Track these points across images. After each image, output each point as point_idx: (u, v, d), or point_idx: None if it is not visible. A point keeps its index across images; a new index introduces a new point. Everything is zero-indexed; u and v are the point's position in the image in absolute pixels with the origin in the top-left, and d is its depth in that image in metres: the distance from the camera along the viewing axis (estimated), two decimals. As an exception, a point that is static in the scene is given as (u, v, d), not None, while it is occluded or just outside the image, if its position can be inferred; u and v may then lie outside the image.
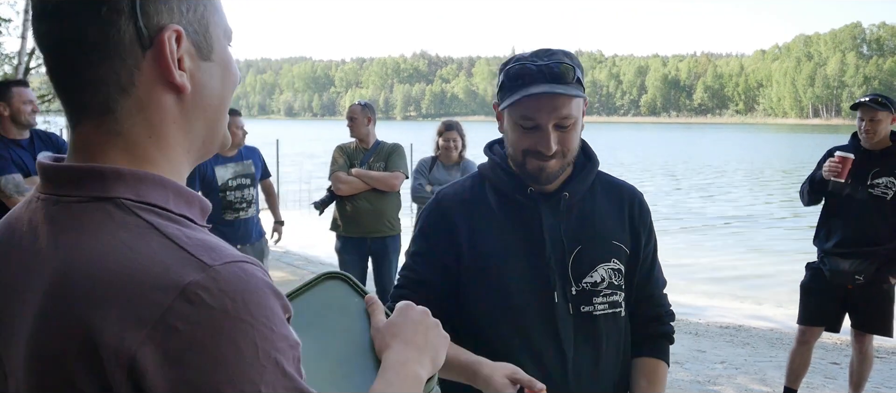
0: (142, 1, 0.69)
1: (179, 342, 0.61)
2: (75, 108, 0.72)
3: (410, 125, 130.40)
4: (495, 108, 1.54)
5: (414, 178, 4.96)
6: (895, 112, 3.63)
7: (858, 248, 3.70)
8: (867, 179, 3.67)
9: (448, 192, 1.62)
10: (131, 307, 0.62)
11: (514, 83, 1.44)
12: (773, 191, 20.57)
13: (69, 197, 0.70)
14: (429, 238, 1.57)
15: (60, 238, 0.68)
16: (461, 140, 4.95)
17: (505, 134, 1.55)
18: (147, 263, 0.64)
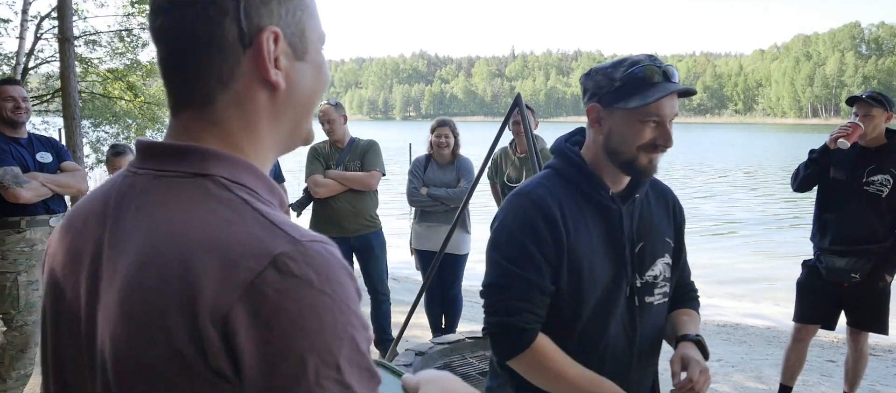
0: (245, 3, 0.76)
1: (268, 306, 0.66)
2: (179, 97, 0.79)
3: (410, 125, 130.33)
4: (593, 109, 1.59)
5: (408, 182, 4.91)
6: (890, 110, 3.65)
7: (854, 246, 3.71)
8: (863, 177, 3.68)
9: (537, 190, 1.58)
10: (227, 271, 0.67)
11: (641, 84, 1.52)
12: (773, 191, 20.60)
13: (170, 172, 0.75)
14: (533, 241, 1.52)
15: (161, 207, 0.74)
16: (454, 137, 4.88)
17: (613, 133, 1.57)
18: (242, 233, 0.70)
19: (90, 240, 0.79)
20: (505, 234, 1.56)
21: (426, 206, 4.78)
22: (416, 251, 5.04)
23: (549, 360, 1.50)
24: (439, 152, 4.87)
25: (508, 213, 1.58)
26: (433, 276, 3.64)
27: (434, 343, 3.40)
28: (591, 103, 1.60)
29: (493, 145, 3.40)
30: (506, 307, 1.50)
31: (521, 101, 3.31)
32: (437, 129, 4.89)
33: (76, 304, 0.79)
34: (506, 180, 4.74)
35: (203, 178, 0.74)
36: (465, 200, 3.58)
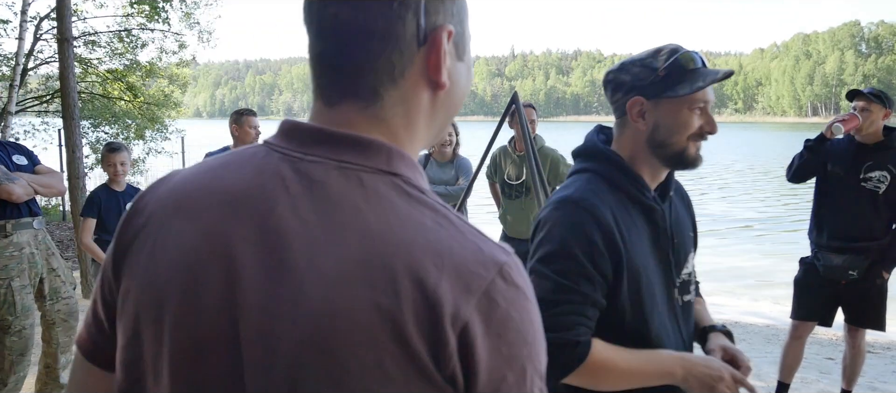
0: (427, 0, 0.74)
1: (498, 315, 0.67)
2: (340, 88, 0.75)
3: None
4: (637, 102, 1.51)
5: None
6: (889, 107, 3.66)
7: (851, 243, 3.71)
8: (860, 173, 3.69)
9: (588, 198, 1.46)
10: (460, 277, 0.67)
11: (684, 71, 1.48)
12: (772, 189, 20.61)
13: (356, 165, 0.72)
14: (586, 251, 1.41)
15: (363, 202, 0.70)
16: (456, 136, 4.93)
17: (657, 123, 1.50)
18: (462, 240, 0.70)
19: (236, 222, 0.71)
20: (555, 245, 1.43)
21: None
22: None
23: (608, 361, 1.42)
24: (440, 151, 4.91)
25: (558, 223, 1.45)
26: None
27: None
28: (632, 97, 1.51)
29: (490, 144, 3.41)
30: (558, 323, 1.38)
31: (519, 100, 3.32)
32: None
33: (209, 291, 0.70)
34: (505, 178, 4.75)
35: (391, 177, 0.72)
36: (463, 198, 3.60)
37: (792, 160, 3.90)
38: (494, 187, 5.03)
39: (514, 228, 4.73)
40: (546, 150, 4.60)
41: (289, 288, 0.67)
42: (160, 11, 12.38)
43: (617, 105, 1.56)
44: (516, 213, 4.70)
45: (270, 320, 0.68)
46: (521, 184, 4.63)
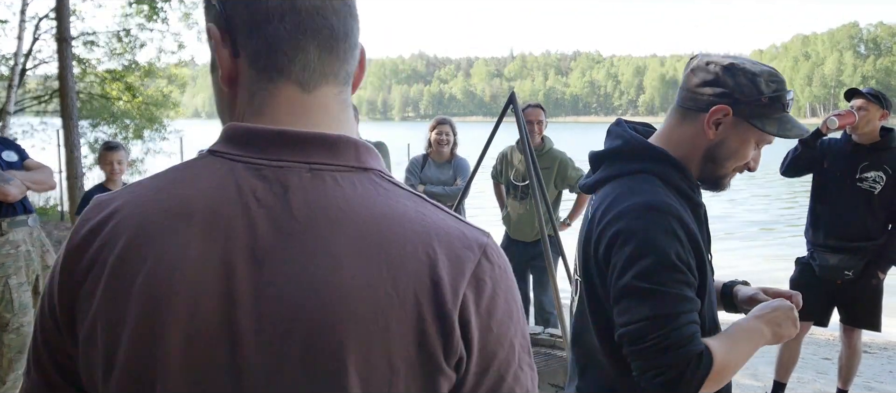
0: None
1: (486, 294, 0.71)
2: (321, 70, 0.76)
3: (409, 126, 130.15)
4: (722, 110, 1.42)
5: (405, 179, 4.94)
6: (886, 108, 3.68)
7: (847, 242, 3.73)
8: (856, 173, 3.70)
9: (667, 200, 1.39)
10: (453, 260, 0.70)
11: (780, 109, 1.43)
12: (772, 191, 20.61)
13: (327, 166, 0.72)
14: (683, 258, 1.35)
15: (342, 202, 0.70)
16: (453, 136, 4.91)
17: (723, 140, 1.44)
18: (446, 224, 0.72)
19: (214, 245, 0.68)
20: (655, 256, 1.32)
21: None
22: None
23: (723, 359, 1.35)
24: (438, 150, 4.89)
25: (648, 231, 1.34)
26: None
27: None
28: (722, 102, 1.41)
29: (487, 144, 3.41)
30: (682, 337, 1.29)
31: (516, 100, 3.32)
32: (437, 127, 4.92)
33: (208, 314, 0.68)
34: (512, 179, 4.68)
35: (366, 172, 0.73)
36: (461, 198, 3.60)
37: (786, 155, 3.91)
38: (499, 188, 4.96)
39: (518, 229, 4.67)
40: (554, 152, 4.57)
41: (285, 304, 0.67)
42: (159, 11, 12.40)
43: (698, 98, 1.45)
44: (521, 214, 4.63)
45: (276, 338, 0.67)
46: (527, 185, 4.55)
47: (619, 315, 1.34)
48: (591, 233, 1.45)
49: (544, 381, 3.32)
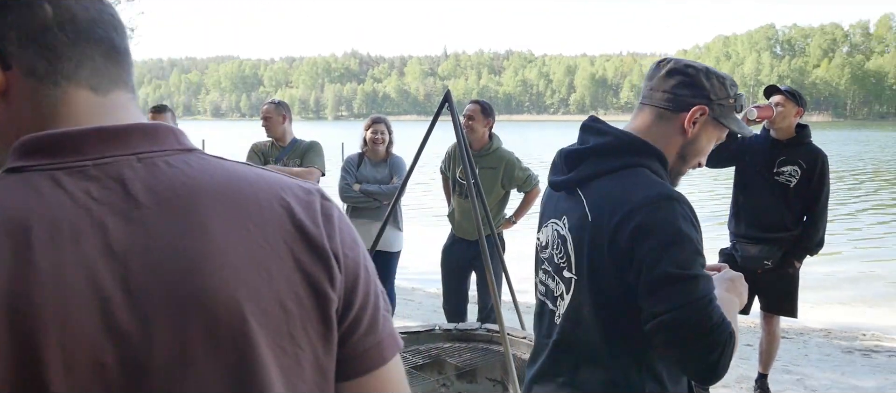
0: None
1: (336, 224, 0.81)
2: (113, 75, 0.77)
3: (342, 125, 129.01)
4: (700, 110, 1.52)
5: (341, 178, 4.88)
6: (801, 106, 3.88)
7: (766, 233, 3.91)
8: (773, 167, 3.90)
9: (674, 191, 1.47)
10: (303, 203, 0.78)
11: (738, 110, 1.58)
12: (693, 185, 21.39)
13: (154, 152, 0.73)
14: (699, 240, 1.43)
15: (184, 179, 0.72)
16: (389, 135, 4.89)
17: (695, 137, 1.55)
18: (280, 179, 0.79)
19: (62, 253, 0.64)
20: (685, 245, 1.38)
21: (358, 202, 4.76)
22: None
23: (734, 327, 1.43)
24: (374, 149, 4.85)
25: (674, 221, 1.39)
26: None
27: (368, 339, 3.41)
28: (701, 103, 1.52)
29: (423, 143, 3.42)
30: (719, 317, 1.36)
31: (451, 98, 3.35)
32: (372, 126, 4.88)
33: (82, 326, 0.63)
34: (457, 177, 4.63)
35: (191, 152, 0.76)
36: (397, 196, 3.60)
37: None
38: (447, 183, 4.92)
39: (462, 227, 4.63)
40: (502, 151, 4.56)
41: (167, 288, 0.67)
42: None
43: (677, 99, 1.53)
44: (465, 213, 4.57)
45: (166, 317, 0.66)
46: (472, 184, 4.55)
47: (655, 304, 1.36)
48: (598, 228, 1.45)
49: (482, 375, 3.37)
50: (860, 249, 11.50)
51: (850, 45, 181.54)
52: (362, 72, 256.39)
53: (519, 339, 3.38)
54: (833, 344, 5.96)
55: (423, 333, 3.54)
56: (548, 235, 1.63)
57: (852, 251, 11.16)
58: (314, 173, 4.63)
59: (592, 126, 1.61)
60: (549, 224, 1.63)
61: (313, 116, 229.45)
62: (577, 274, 1.51)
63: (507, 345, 2.80)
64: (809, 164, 3.85)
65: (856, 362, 5.41)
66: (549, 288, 1.63)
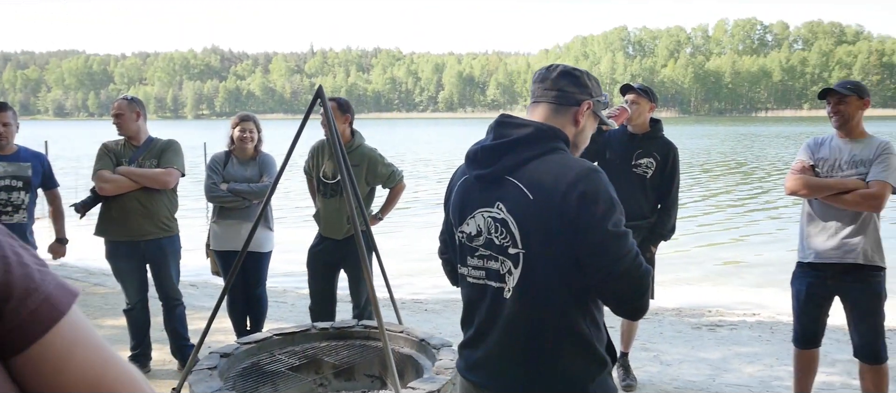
0: None
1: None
2: None
3: (204, 124, 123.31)
4: (588, 105, 1.85)
5: (207, 177, 4.67)
6: (654, 102, 4.20)
7: (628, 222, 4.18)
8: (632, 159, 4.18)
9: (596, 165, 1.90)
10: None
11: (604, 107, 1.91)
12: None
13: None
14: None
15: None
16: (257, 133, 4.73)
17: (583, 128, 1.88)
18: None
19: None
20: (616, 207, 1.71)
21: (226, 202, 4.58)
22: (214, 252, 4.79)
23: None
24: (242, 148, 4.67)
25: (607, 187, 1.72)
26: (235, 276, 3.48)
27: (240, 343, 3.29)
28: (586, 99, 1.85)
29: (294, 140, 3.34)
30: (646, 265, 1.73)
31: (324, 94, 3.29)
32: (240, 124, 4.69)
33: None
34: (321, 176, 4.55)
35: None
36: (268, 196, 3.49)
37: None
38: (312, 183, 4.83)
39: (329, 227, 4.55)
40: (364, 148, 4.53)
41: None
42: None
43: (568, 97, 1.83)
44: (331, 212, 4.52)
45: None
46: (337, 182, 4.45)
47: (603, 256, 1.66)
48: (543, 203, 1.68)
49: (360, 372, 3.35)
50: (702, 234, 12.54)
51: (692, 47, 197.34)
52: (224, 68, 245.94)
53: (396, 333, 3.39)
54: (684, 321, 6.47)
55: (299, 334, 3.47)
56: (478, 224, 1.79)
57: (696, 236, 12.15)
58: (173, 174, 4.39)
59: (509, 121, 1.82)
60: (478, 214, 1.80)
61: (171, 115, 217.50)
62: (524, 248, 1.71)
63: (385, 340, 2.80)
64: (663, 156, 4.16)
65: (703, 337, 5.90)
66: (490, 270, 1.78)
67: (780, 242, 11.17)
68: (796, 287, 3.70)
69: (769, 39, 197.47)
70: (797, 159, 3.64)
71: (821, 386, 4.46)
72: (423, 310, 6.99)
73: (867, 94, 3.51)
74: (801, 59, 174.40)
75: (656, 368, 4.95)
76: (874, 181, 3.35)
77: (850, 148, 3.49)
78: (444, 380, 2.74)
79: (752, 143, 42.92)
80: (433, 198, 17.61)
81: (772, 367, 5.01)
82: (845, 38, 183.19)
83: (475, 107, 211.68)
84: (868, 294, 3.46)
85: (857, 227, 3.44)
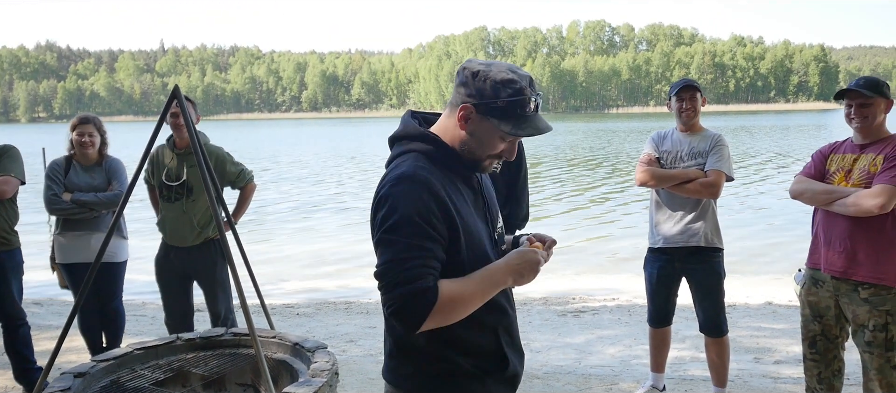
0: None
1: None
2: None
3: (41, 128, 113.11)
4: (467, 109, 1.69)
5: (46, 188, 4.24)
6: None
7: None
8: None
9: (420, 173, 1.66)
10: None
11: (518, 111, 1.67)
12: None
13: None
14: (424, 217, 1.62)
15: None
16: (99, 135, 4.36)
17: (475, 135, 1.72)
18: None
19: None
20: (400, 214, 1.61)
21: (70, 214, 4.22)
22: (60, 266, 4.41)
23: (455, 293, 1.64)
24: (83, 153, 4.31)
25: (400, 196, 1.63)
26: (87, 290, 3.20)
27: (96, 361, 3.05)
28: (467, 102, 1.69)
29: (151, 141, 3.15)
30: (408, 276, 1.58)
31: (180, 93, 3.13)
32: (78, 127, 4.32)
33: None
34: (164, 179, 4.26)
35: None
36: (123, 203, 3.25)
37: None
38: (154, 192, 4.49)
39: (176, 234, 4.25)
40: (211, 148, 4.28)
41: None
42: None
43: (454, 98, 1.74)
44: (176, 218, 4.23)
45: None
46: (181, 185, 4.20)
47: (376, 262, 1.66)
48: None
49: (232, 381, 3.22)
50: (562, 224, 13.18)
51: (548, 47, 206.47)
52: (62, 67, 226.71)
53: (269, 339, 3.30)
54: (551, 310, 6.78)
55: (163, 347, 3.28)
56: None
57: (557, 226, 12.74)
58: (11, 183, 4.00)
59: (403, 118, 1.84)
60: None
61: (2, 118, 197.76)
62: None
63: (257, 344, 2.71)
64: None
65: (569, 323, 6.22)
66: None
67: (636, 229, 11.97)
68: (648, 271, 3.98)
69: (617, 40, 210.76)
70: (644, 152, 3.92)
71: (673, 361, 4.84)
72: (296, 314, 6.84)
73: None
74: (646, 59, 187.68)
75: (526, 356, 5.15)
76: (711, 170, 3.69)
77: (689, 141, 3.81)
78: (320, 382, 2.69)
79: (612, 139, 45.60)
80: (310, 201, 17.23)
81: (631, 347, 5.36)
82: (683, 40, 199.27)
83: (340, 106, 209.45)
84: (709, 273, 3.80)
85: (698, 213, 3.76)
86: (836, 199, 3.06)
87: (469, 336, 1.76)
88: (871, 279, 3.00)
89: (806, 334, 3.31)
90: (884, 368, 3.03)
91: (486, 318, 1.78)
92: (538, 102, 1.72)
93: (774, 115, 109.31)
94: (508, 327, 1.88)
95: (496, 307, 1.82)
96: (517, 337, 1.94)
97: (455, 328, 1.71)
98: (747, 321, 5.99)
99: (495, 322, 1.82)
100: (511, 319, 1.90)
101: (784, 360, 4.89)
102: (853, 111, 3.09)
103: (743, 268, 8.90)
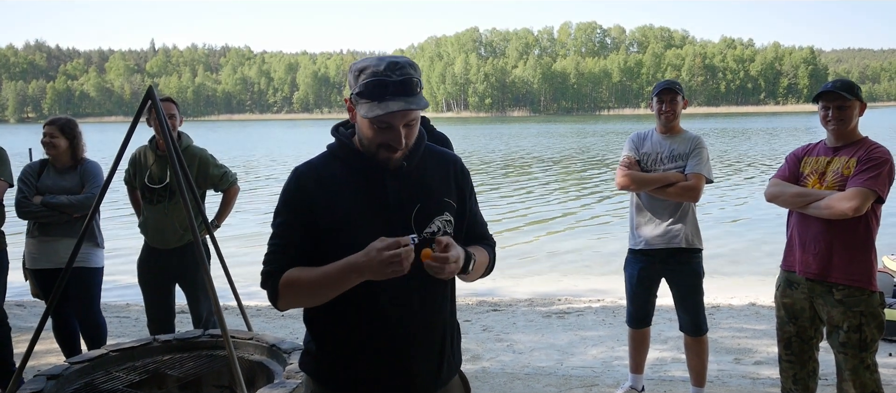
0: None
1: None
2: None
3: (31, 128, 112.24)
4: (348, 103, 1.80)
5: (18, 191, 4.17)
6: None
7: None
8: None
9: (305, 169, 1.83)
10: None
11: (373, 94, 1.69)
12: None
13: None
14: (290, 208, 1.80)
15: None
16: (65, 138, 4.25)
17: (359, 127, 1.79)
18: None
19: None
20: (278, 204, 1.83)
21: (40, 217, 4.14)
22: (31, 272, 4.33)
23: (293, 278, 1.75)
24: (50, 155, 4.25)
25: (282, 189, 1.84)
26: (60, 296, 3.15)
27: (71, 363, 3.04)
28: (350, 95, 1.78)
29: (124, 144, 3.13)
30: (266, 259, 1.80)
31: (154, 94, 3.12)
32: (45, 128, 4.24)
33: None
34: (146, 181, 4.23)
35: None
36: (94, 208, 3.22)
37: None
38: (135, 194, 4.46)
39: (158, 237, 4.23)
40: (193, 149, 4.26)
41: None
42: None
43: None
44: (159, 220, 4.20)
45: None
46: (164, 187, 4.16)
47: None
48: None
49: (208, 383, 3.21)
50: (545, 227, 13.20)
51: (540, 49, 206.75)
52: (52, 67, 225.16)
53: (245, 340, 3.29)
54: (535, 311, 6.78)
55: (139, 349, 3.26)
56: None
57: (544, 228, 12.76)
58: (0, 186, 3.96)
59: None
60: None
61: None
62: None
63: (230, 346, 2.70)
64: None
65: (553, 324, 6.23)
66: None
67: (625, 229, 12.01)
68: (628, 272, 3.99)
69: (608, 42, 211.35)
70: (623, 154, 3.93)
71: (655, 361, 4.86)
72: (280, 316, 6.82)
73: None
74: (637, 61, 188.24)
75: (509, 357, 5.15)
76: (691, 174, 3.70)
77: (669, 143, 3.82)
78: (295, 384, 2.69)
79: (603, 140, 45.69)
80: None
81: (613, 348, 5.37)
82: (674, 43, 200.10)
83: (332, 107, 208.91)
84: (689, 274, 3.81)
85: (678, 215, 3.78)
86: (810, 201, 3.07)
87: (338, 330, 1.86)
88: (845, 281, 3.03)
89: (781, 336, 3.33)
90: (858, 369, 3.05)
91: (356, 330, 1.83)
92: (407, 83, 1.69)
93: (764, 117, 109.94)
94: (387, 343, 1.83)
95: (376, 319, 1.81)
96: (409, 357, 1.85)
97: (324, 319, 1.86)
98: (730, 322, 6.01)
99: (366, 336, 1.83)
100: (394, 335, 1.83)
101: (764, 360, 4.92)
102: (831, 113, 3.10)
103: (728, 269, 8.93)
